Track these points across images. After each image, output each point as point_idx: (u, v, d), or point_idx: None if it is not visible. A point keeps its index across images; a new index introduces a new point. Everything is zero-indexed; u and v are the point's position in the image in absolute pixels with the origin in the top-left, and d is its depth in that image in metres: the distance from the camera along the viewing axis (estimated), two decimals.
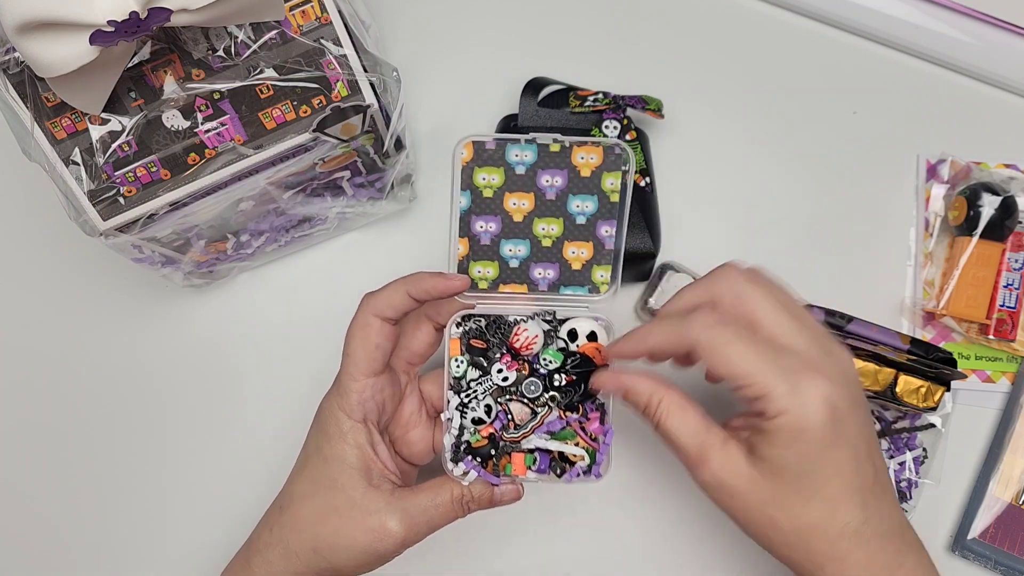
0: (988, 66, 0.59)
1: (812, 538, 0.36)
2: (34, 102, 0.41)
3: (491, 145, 0.40)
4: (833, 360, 0.36)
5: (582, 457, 0.43)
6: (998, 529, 0.52)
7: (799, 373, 0.35)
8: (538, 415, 0.43)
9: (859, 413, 0.36)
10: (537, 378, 0.43)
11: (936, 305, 0.55)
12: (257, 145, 0.43)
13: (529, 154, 0.41)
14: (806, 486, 0.35)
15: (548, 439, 0.43)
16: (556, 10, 0.61)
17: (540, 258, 0.43)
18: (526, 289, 0.44)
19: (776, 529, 0.36)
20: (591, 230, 0.42)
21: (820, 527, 0.35)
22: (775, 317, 0.36)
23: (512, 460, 0.43)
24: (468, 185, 0.41)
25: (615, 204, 0.42)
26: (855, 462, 0.35)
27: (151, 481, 0.54)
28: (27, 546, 0.53)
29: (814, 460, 0.35)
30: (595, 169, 0.41)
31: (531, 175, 0.41)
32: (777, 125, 0.59)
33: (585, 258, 0.43)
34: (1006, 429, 0.53)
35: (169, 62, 0.42)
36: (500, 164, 0.41)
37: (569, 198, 0.42)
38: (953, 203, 0.56)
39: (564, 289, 0.44)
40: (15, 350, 0.56)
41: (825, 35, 0.61)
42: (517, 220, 0.42)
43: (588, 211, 0.42)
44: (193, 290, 0.56)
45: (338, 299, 0.56)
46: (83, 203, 0.42)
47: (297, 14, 0.42)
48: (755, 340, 0.36)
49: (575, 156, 0.41)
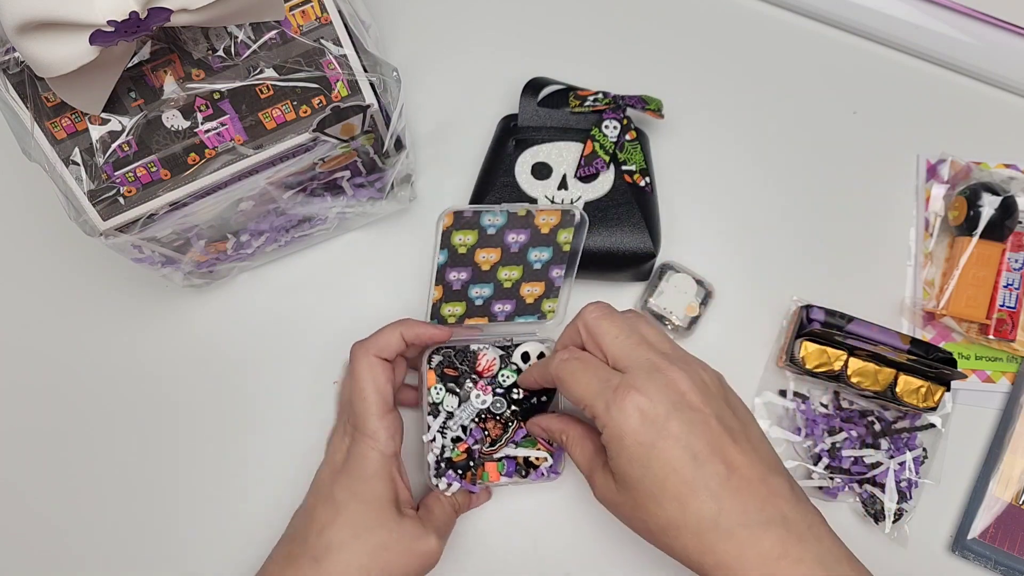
0: (988, 66, 0.59)
1: (678, 534, 0.39)
2: (34, 102, 0.41)
3: (469, 213, 0.47)
4: (657, 377, 0.40)
5: (545, 459, 0.50)
6: (998, 529, 0.52)
7: (616, 391, 0.40)
8: (509, 428, 0.50)
9: (689, 416, 0.39)
10: (502, 397, 0.50)
11: (936, 305, 0.55)
12: (257, 145, 0.43)
13: (500, 219, 0.48)
14: (650, 488, 0.39)
15: (515, 447, 0.50)
16: (556, 10, 0.61)
17: (500, 296, 0.50)
18: (487, 320, 0.51)
19: (650, 532, 0.40)
20: (545, 273, 0.50)
21: (676, 523, 0.39)
22: (615, 344, 0.42)
23: (487, 469, 0.50)
24: (447, 244, 0.47)
25: (566, 252, 0.49)
26: (692, 460, 0.38)
27: (151, 481, 0.54)
28: (27, 546, 0.53)
29: (642, 463, 0.39)
30: (553, 227, 0.48)
31: (500, 234, 0.48)
32: (777, 125, 0.59)
33: (537, 294, 0.51)
34: (1006, 429, 0.53)
35: (169, 62, 0.42)
36: (475, 227, 0.47)
37: (529, 250, 0.49)
38: (953, 203, 0.56)
39: (518, 318, 0.51)
40: (15, 350, 0.56)
41: (825, 35, 0.61)
42: (485, 269, 0.49)
43: (544, 259, 0.49)
44: (193, 290, 0.56)
45: (338, 299, 0.56)
46: (83, 203, 0.42)
47: (297, 14, 0.42)
48: (591, 369, 0.42)
49: (538, 218, 0.48)
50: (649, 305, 0.54)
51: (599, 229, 0.52)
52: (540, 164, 0.53)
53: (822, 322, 0.52)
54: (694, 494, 0.38)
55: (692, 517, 0.38)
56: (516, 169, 0.53)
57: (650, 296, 0.54)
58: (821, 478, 0.53)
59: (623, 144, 0.53)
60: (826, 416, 0.54)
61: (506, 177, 0.53)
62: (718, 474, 0.38)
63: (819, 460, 0.53)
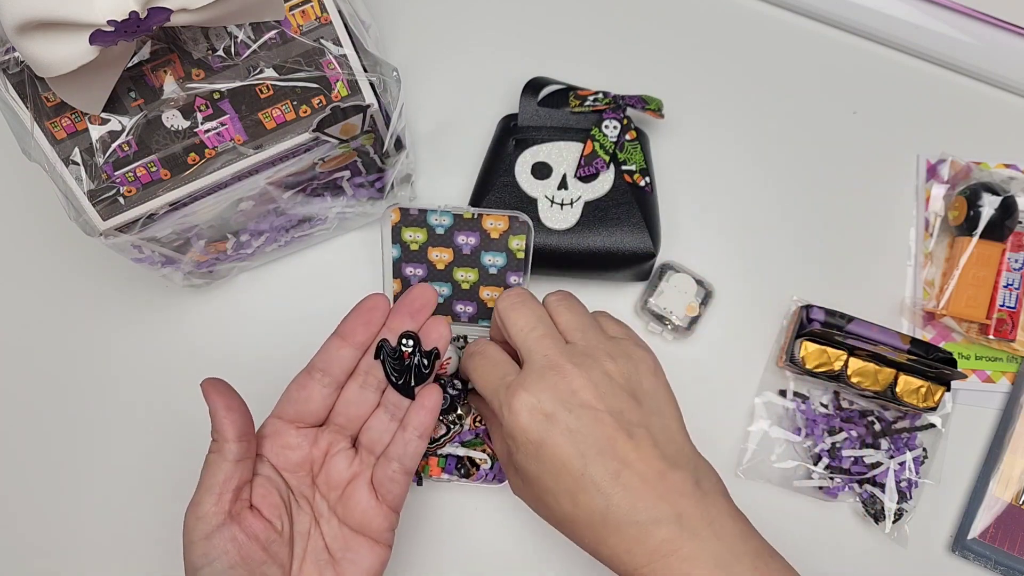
0: (988, 66, 0.59)
1: (574, 527, 0.40)
2: (34, 102, 0.41)
3: (414, 212, 0.50)
4: (549, 376, 0.40)
5: (485, 461, 0.52)
6: (998, 529, 0.52)
7: (507, 389, 0.41)
8: (452, 429, 0.51)
9: (576, 413, 0.39)
10: (448, 396, 0.51)
11: (936, 305, 0.55)
12: (257, 145, 0.43)
13: (446, 219, 0.50)
14: (546, 483, 0.40)
15: (458, 447, 0.52)
16: (556, 10, 0.61)
17: (460, 297, 0.52)
18: (451, 319, 0.52)
19: (556, 523, 0.41)
20: (502, 278, 0.51)
21: (571, 517, 0.39)
22: (519, 337, 0.42)
23: (429, 463, 0.52)
24: (398, 240, 0.50)
25: (521, 260, 0.50)
26: (581, 457, 0.39)
27: (151, 481, 0.54)
28: (27, 546, 0.53)
29: (535, 458, 0.39)
30: (502, 233, 0.50)
31: (449, 234, 0.50)
32: (777, 125, 0.59)
33: None
34: (1006, 429, 0.53)
35: (169, 62, 0.42)
36: (423, 225, 0.50)
37: (482, 254, 0.50)
38: (953, 203, 0.56)
39: (482, 321, 0.52)
40: (15, 350, 0.56)
41: (825, 35, 0.61)
42: (440, 268, 0.51)
43: (498, 264, 0.51)
44: (193, 290, 0.56)
45: (338, 299, 0.56)
46: (83, 203, 0.42)
47: (297, 14, 0.42)
48: (490, 364, 0.43)
49: (485, 222, 0.50)
50: (649, 305, 0.54)
51: (599, 229, 0.52)
52: (540, 164, 0.53)
53: (822, 322, 0.52)
54: (583, 490, 0.38)
55: (583, 512, 0.39)
56: (516, 169, 0.53)
57: (650, 296, 0.54)
58: (821, 478, 0.53)
59: (623, 144, 0.53)
60: (826, 416, 0.54)
61: (506, 177, 0.53)
62: (608, 470, 0.38)
63: (819, 460, 0.53)
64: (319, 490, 0.44)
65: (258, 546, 0.40)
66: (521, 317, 0.43)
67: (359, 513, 0.43)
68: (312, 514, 0.44)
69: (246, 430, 0.41)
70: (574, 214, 0.52)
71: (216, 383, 0.42)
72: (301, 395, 0.44)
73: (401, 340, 0.45)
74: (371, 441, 0.45)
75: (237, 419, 0.41)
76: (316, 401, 0.44)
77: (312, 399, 0.44)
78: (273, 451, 0.44)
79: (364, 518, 0.43)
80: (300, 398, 0.44)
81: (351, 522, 0.44)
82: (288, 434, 0.44)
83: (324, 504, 0.44)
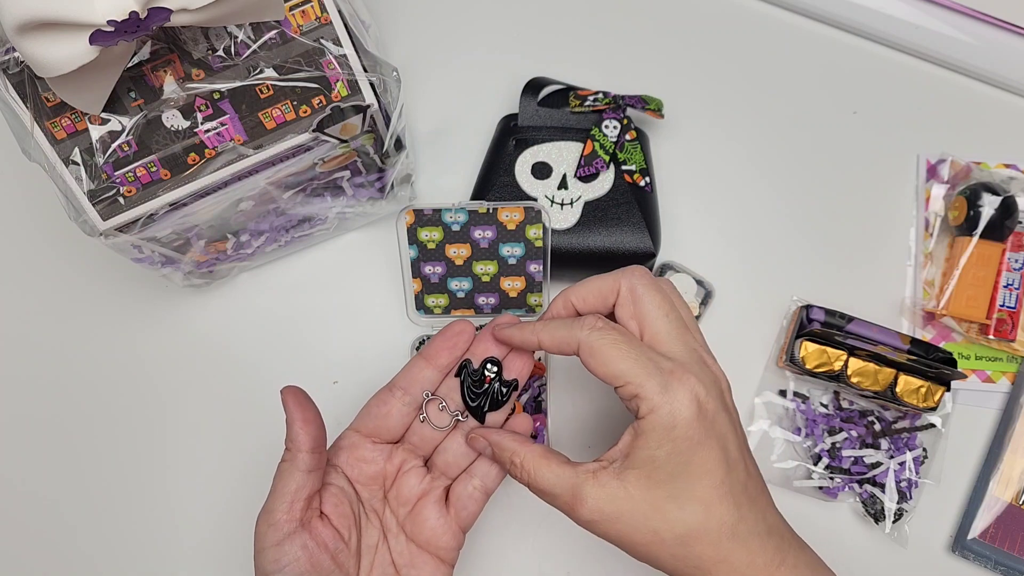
0: (988, 66, 0.59)
1: (695, 543, 0.37)
2: (34, 102, 0.41)
3: (428, 212, 0.50)
4: (706, 369, 0.39)
5: None
6: (998, 529, 0.52)
7: (670, 374, 0.37)
8: None
9: (728, 417, 0.38)
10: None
11: (936, 305, 0.55)
12: (257, 145, 0.43)
13: (461, 216, 0.50)
14: (680, 488, 0.37)
15: None
16: (556, 10, 0.61)
17: (482, 290, 0.52)
18: (473, 312, 0.53)
19: (661, 544, 0.37)
20: (522, 268, 0.51)
21: (698, 530, 0.37)
22: (660, 323, 0.39)
23: None
24: (414, 240, 0.51)
25: (540, 248, 0.51)
26: (725, 463, 0.37)
27: (152, 481, 0.54)
28: (27, 546, 0.53)
29: (685, 457, 0.36)
30: (519, 223, 0.50)
31: (466, 230, 0.50)
32: (777, 125, 0.59)
33: (519, 288, 0.52)
34: (1006, 429, 0.53)
35: (169, 62, 0.42)
36: (438, 224, 0.50)
37: (500, 246, 0.51)
38: (953, 203, 0.56)
39: (505, 312, 0.53)
40: (15, 350, 0.56)
41: (825, 35, 0.61)
42: (458, 264, 0.51)
43: (517, 255, 0.51)
44: (193, 290, 0.56)
45: (338, 299, 0.56)
46: (83, 203, 0.42)
47: (297, 14, 0.42)
48: (633, 344, 0.38)
49: (500, 215, 0.50)
50: None
51: (599, 229, 0.52)
52: (540, 164, 0.53)
53: (822, 322, 0.52)
54: (721, 500, 0.37)
55: (714, 523, 0.36)
56: (516, 169, 0.53)
57: None
58: (821, 478, 0.53)
59: (623, 144, 0.53)
60: (826, 416, 0.54)
61: (506, 177, 0.53)
62: (740, 481, 0.37)
63: (819, 460, 0.53)
64: (389, 505, 0.44)
65: (327, 554, 0.40)
66: (664, 301, 0.40)
67: (427, 530, 0.43)
68: (381, 528, 0.43)
69: (320, 442, 0.40)
70: (574, 214, 0.52)
71: (295, 392, 0.41)
72: (381, 411, 0.44)
73: (485, 364, 0.44)
74: (445, 463, 0.44)
75: (313, 431, 0.40)
76: (394, 418, 0.44)
77: (391, 415, 0.44)
78: (348, 463, 0.43)
79: (432, 535, 0.43)
80: (379, 414, 0.44)
81: (418, 539, 0.43)
82: (364, 447, 0.44)
83: (393, 519, 0.44)
